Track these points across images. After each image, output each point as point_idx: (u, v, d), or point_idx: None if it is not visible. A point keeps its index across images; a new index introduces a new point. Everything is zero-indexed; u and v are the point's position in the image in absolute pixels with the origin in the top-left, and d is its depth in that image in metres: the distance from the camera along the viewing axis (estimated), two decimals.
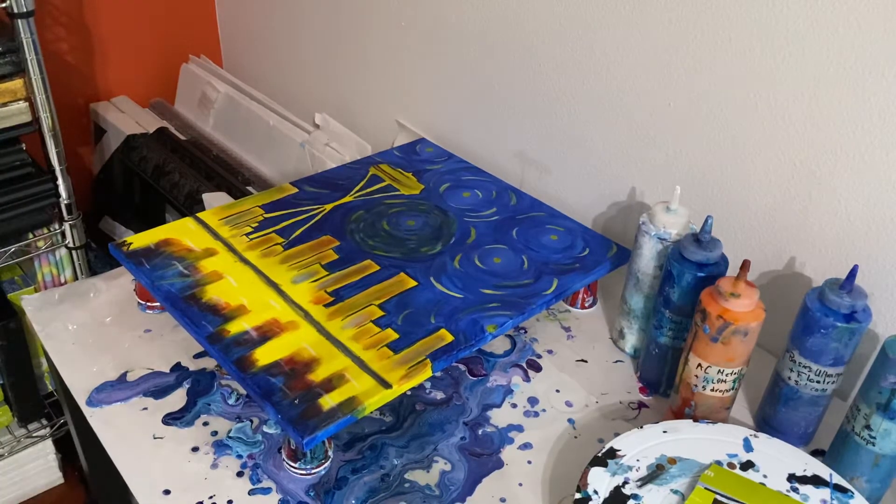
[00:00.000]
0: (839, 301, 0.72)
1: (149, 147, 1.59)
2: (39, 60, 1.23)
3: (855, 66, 0.77)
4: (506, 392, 0.85)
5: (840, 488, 0.70)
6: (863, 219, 0.82)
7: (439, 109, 1.29)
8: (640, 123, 0.99)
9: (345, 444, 0.78)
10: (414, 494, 0.73)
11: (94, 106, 1.70)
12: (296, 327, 0.81)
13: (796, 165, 0.86)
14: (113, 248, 0.91)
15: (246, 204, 1.01)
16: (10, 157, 1.27)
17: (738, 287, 0.73)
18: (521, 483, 0.75)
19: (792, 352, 0.76)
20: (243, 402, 0.82)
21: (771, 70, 0.84)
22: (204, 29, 1.80)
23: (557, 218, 1.02)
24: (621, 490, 0.69)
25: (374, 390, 0.74)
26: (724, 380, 0.76)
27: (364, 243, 0.95)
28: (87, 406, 0.81)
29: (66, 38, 1.60)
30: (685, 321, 0.81)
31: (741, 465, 0.72)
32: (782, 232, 0.90)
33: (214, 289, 0.85)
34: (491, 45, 1.15)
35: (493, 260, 0.93)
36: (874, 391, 0.69)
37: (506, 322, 0.84)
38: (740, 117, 0.89)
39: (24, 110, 1.24)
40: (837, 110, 0.80)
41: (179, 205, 1.50)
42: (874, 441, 0.71)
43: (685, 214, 0.84)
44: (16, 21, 1.19)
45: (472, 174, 1.12)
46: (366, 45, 1.38)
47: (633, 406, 0.85)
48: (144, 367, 0.85)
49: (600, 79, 1.02)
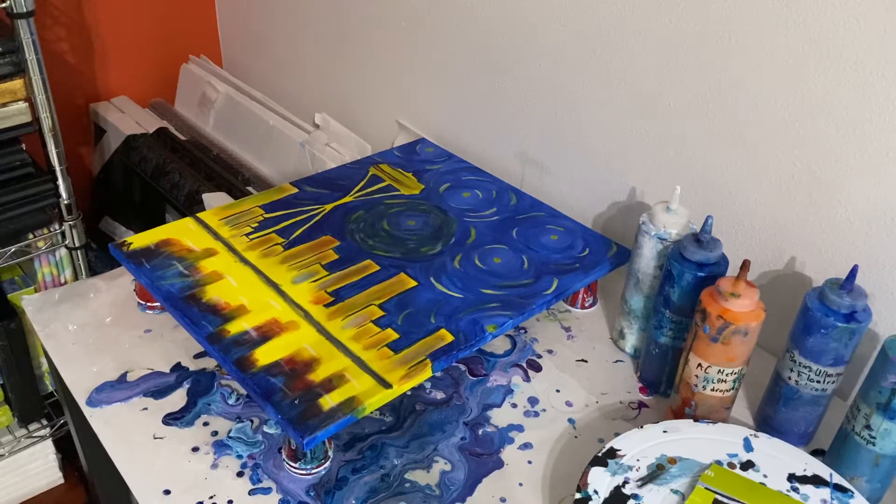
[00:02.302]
0: (839, 301, 0.72)
1: (149, 147, 1.59)
2: (39, 60, 1.23)
3: (856, 66, 0.78)
4: (506, 392, 0.85)
5: (840, 488, 0.70)
6: (863, 219, 0.82)
7: (439, 109, 1.29)
8: (640, 123, 0.99)
9: (345, 444, 0.78)
10: (414, 494, 0.73)
11: (94, 106, 1.70)
12: (296, 327, 0.81)
13: (796, 165, 0.86)
14: (113, 249, 0.91)
15: (246, 204, 1.01)
16: (11, 158, 1.27)
17: (739, 287, 0.73)
18: (521, 483, 0.75)
19: (792, 352, 0.76)
20: (243, 402, 0.82)
21: (771, 70, 0.84)
22: (204, 29, 1.80)
23: (557, 218, 1.02)
24: (621, 490, 0.69)
25: (375, 390, 0.74)
26: (725, 380, 0.76)
27: (364, 243, 0.95)
28: (88, 406, 0.80)
29: (66, 38, 1.60)
30: (685, 321, 0.81)
31: (741, 464, 0.72)
32: (782, 232, 0.90)
33: (214, 289, 0.85)
34: (491, 46, 1.15)
35: (493, 260, 0.93)
36: (874, 391, 0.69)
37: (506, 322, 0.84)
38: (741, 117, 0.89)
39: (25, 110, 1.24)
40: (838, 110, 0.80)
41: (179, 205, 1.50)
42: (874, 441, 0.71)
43: (685, 214, 0.84)
44: (16, 21, 1.19)
45: (473, 174, 1.12)
46: (366, 45, 1.38)
47: (633, 406, 0.85)
48: (144, 367, 0.85)
49: (600, 79, 1.02)
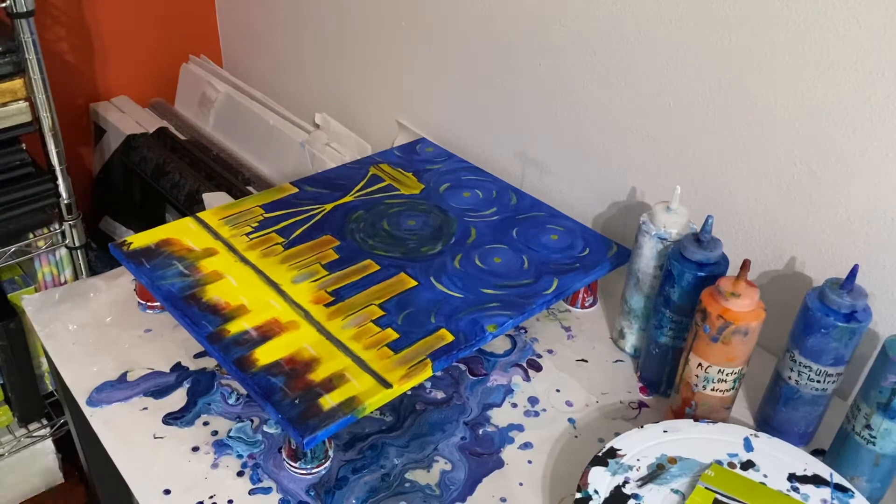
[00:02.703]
0: (839, 301, 0.72)
1: (149, 147, 1.59)
2: (39, 60, 1.23)
3: (856, 66, 0.77)
4: (506, 392, 0.85)
5: (840, 488, 0.70)
6: (863, 219, 0.82)
7: (439, 109, 1.29)
8: (640, 123, 0.99)
9: (345, 443, 0.78)
10: (414, 494, 0.73)
11: (94, 106, 1.70)
12: (296, 327, 0.81)
13: (797, 165, 0.86)
14: (113, 248, 0.91)
15: (246, 204, 1.01)
16: (11, 157, 1.27)
17: (739, 287, 0.73)
18: (521, 483, 0.75)
19: (792, 351, 0.76)
20: (243, 402, 0.82)
21: (772, 70, 0.84)
22: (204, 29, 1.80)
23: (557, 218, 1.02)
24: (622, 490, 0.69)
25: (375, 390, 0.74)
26: (725, 379, 0.76)
27: (364, 243, 0.95)
28: (88, 406, 0.80)
29: (66, 37, 1.60)
30: (685, 321, 0.81)
31: (741, 464, 0.72)
32: (783, 231, 0.90)
33: (215, 288, 0.85)
34: (491, 45, 1.15)
35: (493, 260, 0.93)
36: (874, 391, 0.69)
37: (506, 322, 0.84)
38: (741, 117, 0.89)
39: (25, 110, 1.24)
40: (838, 110, 0.80)
41: (179, 204, 1.50)
42: (874, 441, 0.71)
43: (685, 214, 0.84)
44: (16, 21, 1.19)
45: (473, 174, 1.12)
46: (366, 45, 1.38)
47: (633, 406, 0.85)
48: (145, 366, 0.85)
49: (601, 78, 1.02)
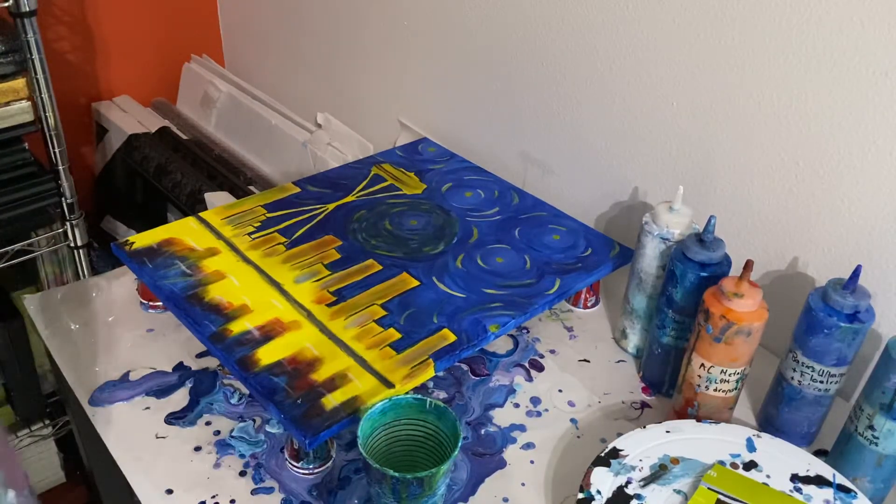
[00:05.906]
0: (842, 301, 0.72)
1: (151, 146, 1.59)
2: (42, 60, 1.23)
3: (859, 66, 0.77)
4: (508, 392, 0.85)
5: (843, 488, 0.70)
6: (866, 219, 0.82)
7: (441, 109, 1.29)
8: (643, 123, 0.99)
9: (347, 443, 0.78)
10: None
11: (97, 105, 1.70)
12: (298, 327, 0.81)
13: (800, 165, 0.86)
14: (115, 248, 0.91)
15: (248, 203, 1.01)
16: (13, 157, 1.27)
17: (742, 287, 0.73)
18: (523, 483, 0.75)
19: (795, 352, 0.76)
20: (246, 402, 0.82)
21: (774, 70, 0.84)
22: (206, 28, 1.80)
23: (560, 217, 1.02)
24: (624, 490, 0.69)
25: (377, 390, 0.74)
26: (727, 380, 0.76)
27: (366, 243, 0.95)
28: (90, 405, 0.81)
29: (68, 37, 1.60)
30: (688, 321, 0.81)
31: (744, 465, 0.72)
32: (785, 232, 0.90)
33: (217, 288, 0.85)
34: (493, 45, 1.15)
35: (495, 260, 0.93)
36: (877, 391, 0.69)
37: (508, 322, 0.84)
38: (743, 117, 0.89)
39: (27, 110, 1.24)
40: (841, 110, 0.80)
41: (181, 204, 1.50)
42: (877, 441, 0.71)
43: (688, 214, 0.84)
44: (18, 20, 1.19)
45: (475, 174, 1.12)
46: (368, 45, 1.38)
47: (635, 406, 0.85)
48: (147, 366, 0.85)
49: (603, 78, 1.02)
